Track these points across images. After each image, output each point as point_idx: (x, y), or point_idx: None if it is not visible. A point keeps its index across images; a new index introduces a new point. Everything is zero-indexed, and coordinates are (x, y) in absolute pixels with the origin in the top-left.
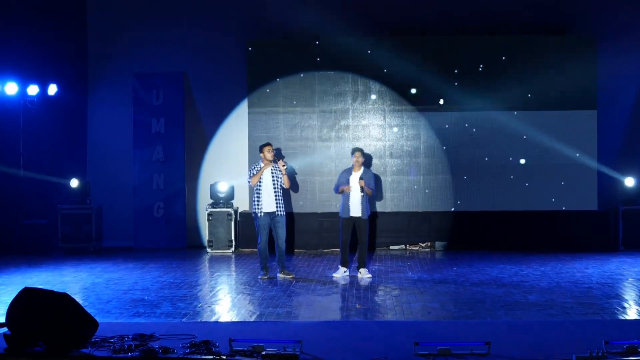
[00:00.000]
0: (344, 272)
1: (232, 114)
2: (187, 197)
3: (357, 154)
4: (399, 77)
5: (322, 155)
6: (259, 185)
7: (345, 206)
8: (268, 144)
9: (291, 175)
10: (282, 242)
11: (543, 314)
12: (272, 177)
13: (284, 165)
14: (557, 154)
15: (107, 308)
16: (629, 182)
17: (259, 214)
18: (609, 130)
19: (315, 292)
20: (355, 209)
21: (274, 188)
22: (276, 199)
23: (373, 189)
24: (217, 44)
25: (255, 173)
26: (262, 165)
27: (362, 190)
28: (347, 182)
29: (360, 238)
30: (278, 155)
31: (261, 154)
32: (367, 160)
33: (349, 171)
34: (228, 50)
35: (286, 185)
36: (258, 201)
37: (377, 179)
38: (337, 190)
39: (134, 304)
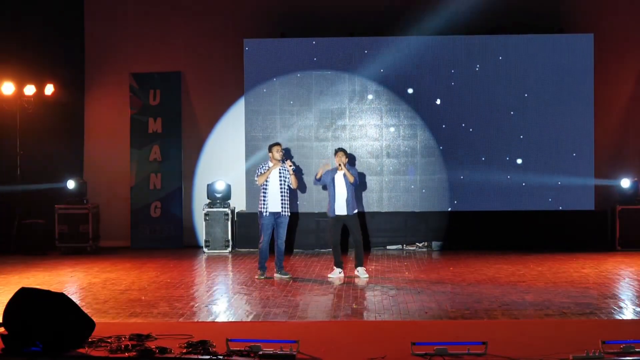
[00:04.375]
0: (339, 272)
1: (229, 113)
2: (184, 197)
3: (340, 153)
4: (395, 77)
5: (318, 155)
6: (266, 185)
7: (332, 205)
8: (277, 144)
9: (298, 175)
10: (281, 242)
11: (540, 313)
12: (280, 177)
13: (291, 166)
14: (553, 154)
15: (104, 308)
16: (625, 183)
17: (264, 213)
18: (605, 129)
19: (312, 292)
20: (342, 207)
21: (281, 188)
22: (282, 200)
23: (356, 177)
24: (214, 43)
25: (262, 172)
26: (270, 164)
27: (343, 172)
28: (332, 181)
29: (355, 237)
30: (287, 155)
31: (269, 154)
32: (351, 160)
33: (333, 170)
34: (225, 50)
35: (294, 185)
36: (264, 200)
37: (361, 176)
38: (315, 177)
39: (131, 304)
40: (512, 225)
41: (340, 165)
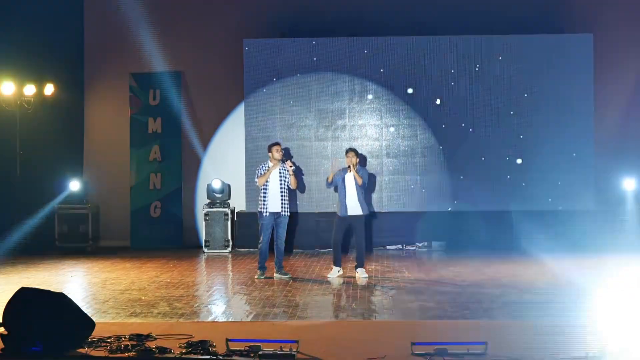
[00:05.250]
0: (338, 271)
1: (229, 113)
2: (184, 197)
3: (351, 153)
4: (395, 77)
5: (318, 155)
6: (266, 185)
7: (343, 205)
8: (277, 144)
9: (298, 175)
10: (281, 242)
11: (540, 313)
12: (280, 177)
13: (291, 166)
14: (553, 154)
15: (104, 308)
16: (629, 184)
17: (264, 213)
18: (605, 129)
19: (312, 292)
20: (353, 208)
21: (281, 188)
22: (282, 200)
23: (364, 180)
24: (214, 43)
25: (262, 173)
26: (270, 164)
27: (354, 179)
28: (342, 182)
29: (358, 239)
30: (286, 155)
31: (269, 154)
32: (362, 160)
33: (344, 170)
34: (225, 50)
35: (293, 185)
36: (264, 200)
37: (370, 177)
38: (327, 180)
39: (131, 303)
40: (512, 225)
41: (350, 166)
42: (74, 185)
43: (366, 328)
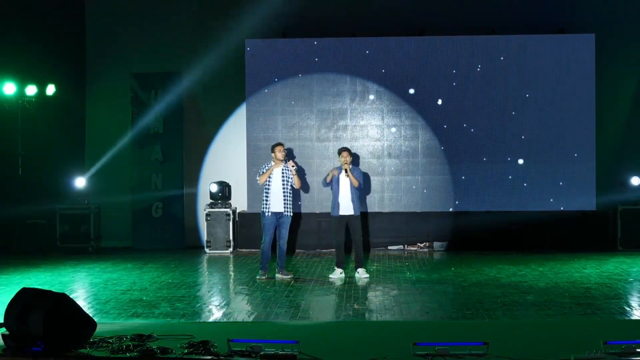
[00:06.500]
0: (340, 273)
1: (231, 114)
2: (185, 197)
3: (345, 153)
4: (397, 77)
5: (320, 155)
6: (268, 185)
7: (336, 204)
8: (280, 144)
9: (300, 175)
10: (283, 243)
11: (541, 314)
12: (283, 177)
13: (293, 166)
14: (555, 154)
15: (105, 308)
16: (635, 181)
17: (266, 213)
18: (607, 130)
19: (313, 293)
20: (346, 207)
21: (283, 188)
22: (284, 200)
23: (360, 180)
24: (215, 43)
25: (264, 172)
26: (272, 164)
27: (348, 176)
28: (337, 181)
29: (355, 237)
30: (289, 156)
31: (272, 154)
32: (355, 159)
33: (338, 169)
34: (226, 50)
35: (297, 185)
36: (266, 200)
37: (365, 177)
38: (325, 180)
39: (133, 304)
40: (513, 225)
41: (345, 170)
42: (80, 183)
43: (367, 328)
